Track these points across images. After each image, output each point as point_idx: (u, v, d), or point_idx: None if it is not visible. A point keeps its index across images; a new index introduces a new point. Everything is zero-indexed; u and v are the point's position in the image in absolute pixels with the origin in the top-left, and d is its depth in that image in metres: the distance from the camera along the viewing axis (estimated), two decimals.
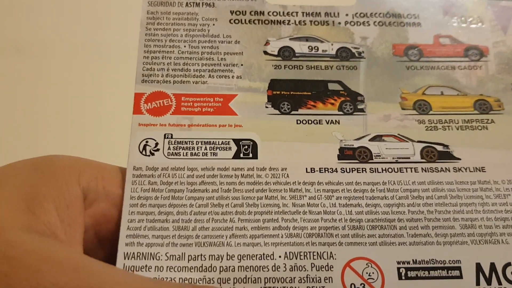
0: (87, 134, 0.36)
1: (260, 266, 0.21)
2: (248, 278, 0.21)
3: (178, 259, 0.21)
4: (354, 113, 0.25)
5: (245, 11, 0.26)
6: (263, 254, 0.21)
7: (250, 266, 0.21)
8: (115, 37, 0.41)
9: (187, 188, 0.22)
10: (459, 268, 0.21)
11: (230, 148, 0.23)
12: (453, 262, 0.21)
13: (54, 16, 0.44)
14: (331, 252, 0.21)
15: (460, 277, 0.21)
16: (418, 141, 0.24)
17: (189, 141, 0.23)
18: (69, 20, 0.44)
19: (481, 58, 0.26)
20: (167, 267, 0.20)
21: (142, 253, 0.20)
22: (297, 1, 0.27)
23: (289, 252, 0.21)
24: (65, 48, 0.42)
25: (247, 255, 0.21)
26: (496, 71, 0.26)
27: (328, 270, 0.21)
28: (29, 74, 0.41)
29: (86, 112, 0.39)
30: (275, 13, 0.27)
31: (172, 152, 0.23)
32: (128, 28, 0.28)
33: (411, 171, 0.23)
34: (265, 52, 0.26)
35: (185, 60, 0.25)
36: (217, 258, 0.21)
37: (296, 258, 0.21)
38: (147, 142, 0.23)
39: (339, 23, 0.27)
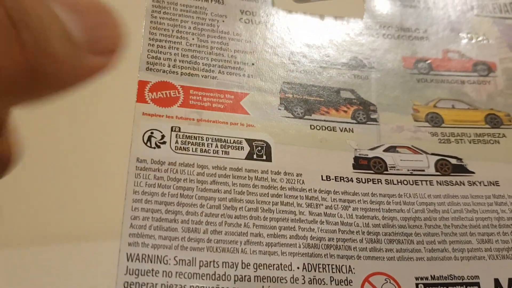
0: (86, 121, 0.32)
1: (278, 277, 0.19)
2: None
3: (189, 264, 0.18)
4: (368, 123, 0.24)
5: (255, 12, 0.25)
6: (281, 264, 0.19)
7: (268, 277, 0.19)
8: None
9: (197, 186, 0.20)
10: (477, 284, 0.21)
11: (242, 148, 0.21)
12: (472, 278, 0.21)
13: None
14: (349, 266, 0.20)
15: None
16: (432, 154, 0.24)
17: (199, 137, 0.21)
18: None
19: (490, 74, 0.27)
20: (176, 272, 0.18)
21: (148, 255, 0.18)
22: (304, 8, 0.26)
23: (308, 264, 0.19)
24: None
25: (263, 264, 0.19)
26: (504, 86, 0.26)
27: (347, 284, 0.20)
28: None
29: (85, 101, 0.35)
30: None
31: (180, 147, 0.21)
32: (131, 15, 0.25)
33: (426, 184, 0.23)
34: (277, 55, 0.25)
35: (194, 53, 0.23)
36: (231, 266, 0.19)
37: (315, 271, 0.19)
38: (152, 133, 0.21)
39: (348, 34, 0.26)
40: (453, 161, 0.24)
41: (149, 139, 0.20)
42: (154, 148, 0.20)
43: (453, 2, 0.28)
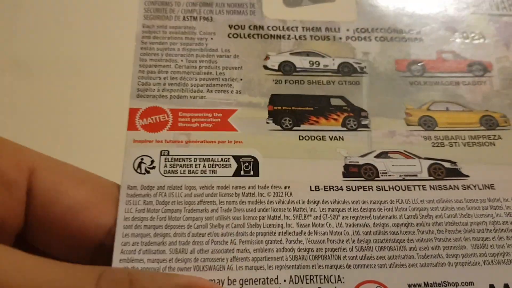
0: (79, 151, 0.34)
1: None
2: None
3: None
4: (358, 129, 0.24)
5: (244, 26, 0.26)
6: (267, 278, 0.20)
7: None
8: (109, 51, 0.40)
9: (184, 208, 0.21)
10: None
11: (230, 165, 0.22)
12: (466, 284, 0.20)
13: (47, 29, 0.43)
14: (339, 276, 0.20)
15: None
16: (425, 158, 0.23)
17: (187, 158, 0.22)
18: (64, 34, 0.43)
19: (485, 74, 0.26)
20: None
21: None
22: (297, 16, 0.27)
23: (295, 276, 0.20)
24: (57, 62, 0.41)
25: (249, 279, 0.20)
26: (500, 86, 0.25)
27: None
28: (21, 88, 0.40)
29: (78, 129, 0.37)
30: (274, 28, 0.26)
31: (169, 170, 0.22)
32: (122, 42, 0.27)
33: (419, 189, 0.23)
34: (265, 67, 0.25)
35: (182, 75, 0.24)
36: (218, 283, 0.19)
37: (302, 282, 0.20)
38: (142, 159, 0.22)
39: (340, 38, 0.26)
40: (447, 165, 0.23)
41: (139, 165, 0.21)
42: (144, 174, 0.21)
43: (448, 0, 0.27)
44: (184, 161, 0.22)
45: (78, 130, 0.37)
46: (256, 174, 0.22)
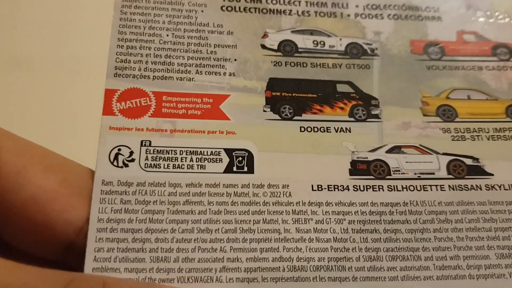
0: (47, 139, 0.32)
1: None
2: None
3: None
4: (368, 120, 0.22)
5: None
6: None
7: None
8: (84, 21, 0.37)
9: (168, 208, 0.18)
10: None
11: (221, 160, 0.20)
12: None
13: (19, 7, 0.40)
14: None
15: None
16: (444, 154, 0.21)
17: (171, 150, 0.20)
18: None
19: (511, 58, 0.24)
20: None
21: None
22: None
23: None
24: (26, 36, 0.38)
25: None
26: None
27: None
28: None
29: (46, 111, 0.34)
30: (274, 1, 0.24)
31: (151, 164, 0.19)
32: (100, 11, 0.24)
33: (437, 189, 0.20)
34: (263, 46, 0.23)
35: (168, 52, 0.21)
36: None
37: None
38: (119, 150, 0.19)
39: (348, 15, 0.24)
40: (468, 161, 0.21)
41: (116, 157, 0.19)
42: (122, 167, 0.19)
43: None
44: (168, 153, 0.19)
45: (47, 113, 0.33)
46: (251, 170, 0.20)
